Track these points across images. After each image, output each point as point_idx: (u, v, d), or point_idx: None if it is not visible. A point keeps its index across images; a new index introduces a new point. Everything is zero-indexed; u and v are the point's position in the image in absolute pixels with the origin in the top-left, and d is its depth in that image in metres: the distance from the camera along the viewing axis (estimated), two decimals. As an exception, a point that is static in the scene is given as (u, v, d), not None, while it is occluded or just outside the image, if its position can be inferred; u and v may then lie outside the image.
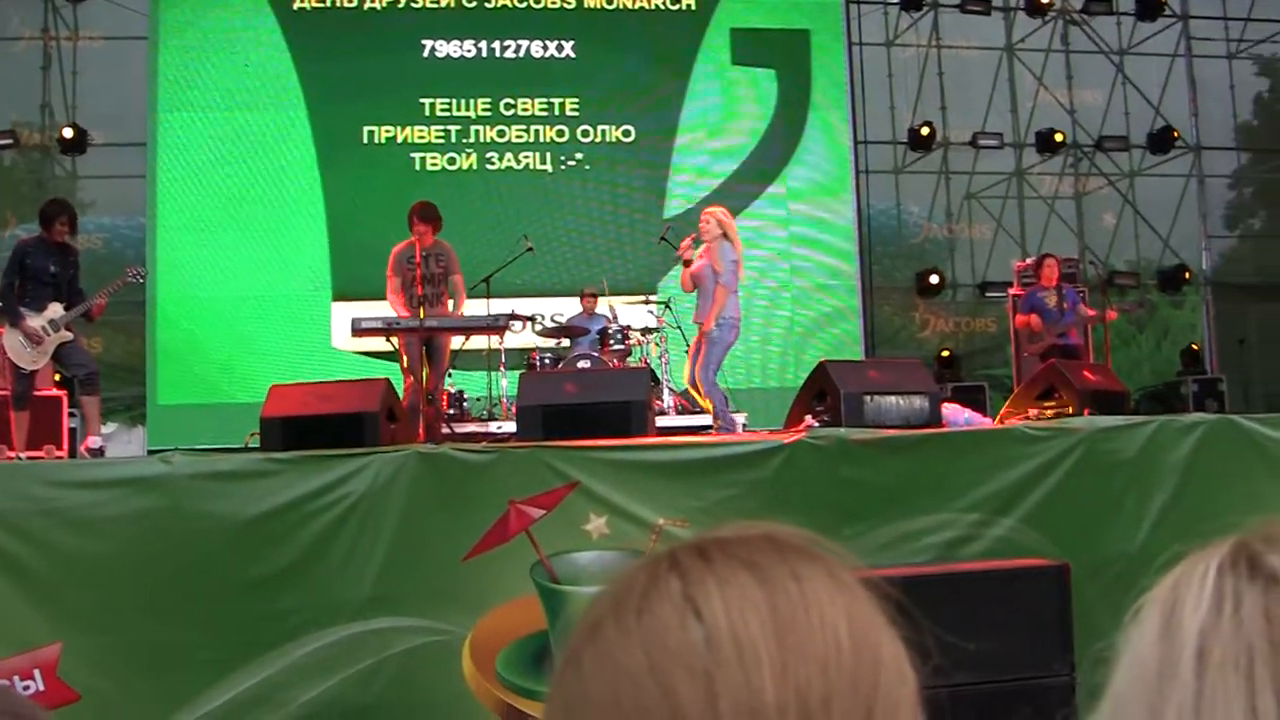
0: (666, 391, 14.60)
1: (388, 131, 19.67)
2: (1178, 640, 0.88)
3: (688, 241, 13.08)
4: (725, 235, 12.74)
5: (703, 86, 20.74)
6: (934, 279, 22.26)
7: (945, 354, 21.47)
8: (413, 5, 20.01)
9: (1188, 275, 23.82)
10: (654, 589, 1.16)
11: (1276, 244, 25.92)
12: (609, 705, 1.11)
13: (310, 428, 8.56)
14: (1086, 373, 10.99)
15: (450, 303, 13.24)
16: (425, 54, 20.01)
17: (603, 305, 16.16)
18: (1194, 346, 22.84)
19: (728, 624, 1.11)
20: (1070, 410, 10.10)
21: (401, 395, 11.67)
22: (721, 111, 20.77)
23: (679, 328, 15.40)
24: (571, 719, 1.14)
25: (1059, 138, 23.12)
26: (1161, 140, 24.13)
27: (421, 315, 12.32)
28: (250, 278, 18.74)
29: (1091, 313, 16.50)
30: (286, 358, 17.99)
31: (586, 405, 9.15)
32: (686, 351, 13.17)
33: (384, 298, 13.14)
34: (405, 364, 12.73)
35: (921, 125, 22.50)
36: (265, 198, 19.07)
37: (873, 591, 1.21)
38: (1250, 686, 0.84)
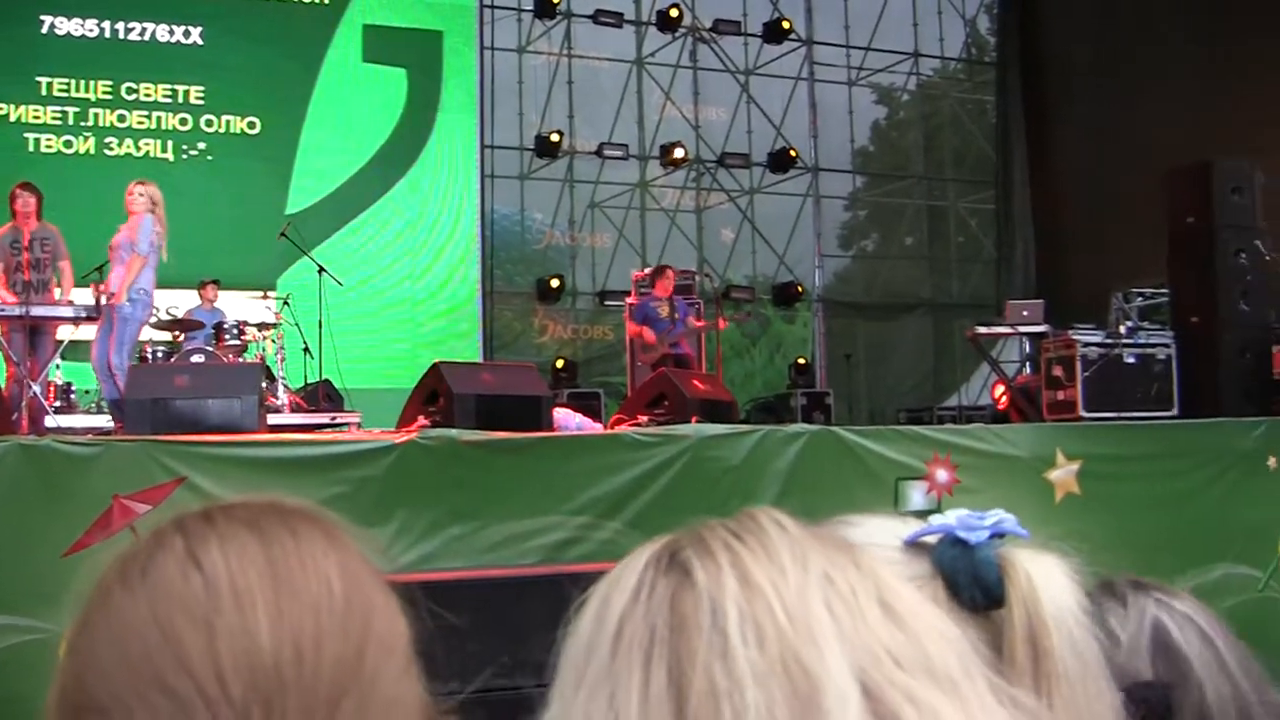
0: (281, 388, 14.46)
1: (0, 109, 18.98)
2: (605, 621, 0.98)
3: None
4: (153, 210, 12.67)
5: (332, 82, 20.56)
6: (555, 284, 22.45)
7: (560, 363, 21.62)
8: (31, -22, 19.28)
9: (800, 291, 24.60)
10: (159, 549, 1.22)
11: (886, 264, 26.93)
12: (117, 661, 1.16)
13: (-96, 415, 8.28)
14: (696, 382, 11.30)
15: (58, 290, 12.88)
16: (44, 30, 19.31)
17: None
18: (801, 361, 23.53)
19: (226, 574, 1.18)
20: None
21: (4, 385, 11.33)
22: (350, 108, 20.62)
23: (297, 325, 15.26)
24: (83, 683, 1.17)
25: (681, 152, 23.52)
26: (781, 160, 24.85)
27: (27, 301, 11.98)
28: None
29: (699, 324, 16.86)
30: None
31: (197, 400, 9.05)
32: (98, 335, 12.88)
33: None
34: (8, 352, 12.32)
35: (551, 133, 22.65)
36: None
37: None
38: (647, 662, 0.94)
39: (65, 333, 12.73)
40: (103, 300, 12.35)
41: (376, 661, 1.21)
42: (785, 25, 24.80)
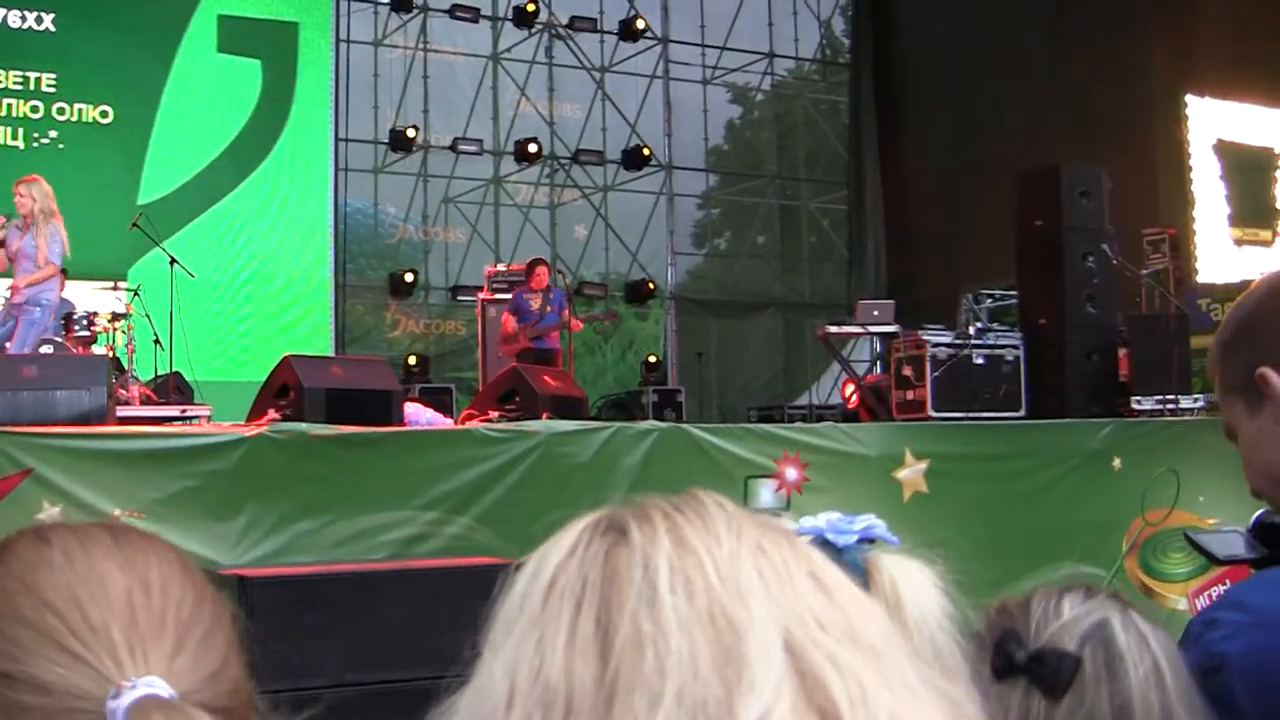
0: (131, 380, 14.29)
1: None
2: (539, 575, 1.04)
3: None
4: (51, 211, 12.53)
5: (186, 72, 20.28)
6: (408, 279, 22.35)
7: (413, 359, 21.48)
8: (-127, -41, 18.84)
9: (653, 288, 24.69)
10: (13, 539, 1.40)
11: (738, 263, 27.06)
12: None
13: None
14: (547, 378, 11.36)
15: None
16: (-113, 14, 18.92)
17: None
18: (653, 358, 23.61)
19: (76, 541, 1.39)
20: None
21: None
22: (204, 99, 20.36)
23: (148, 316, 15.08)
24: None
25: (535, 148, 23.51)
26: (635, 157, 24.91)
27: None
28: None
29: (576, 323, 16.87)
30: None
31: (45, 391, 8.94)
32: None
33: None
34: None
35: (406, 128, 22.53)
36: None
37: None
38: (577, 608, 0.99)
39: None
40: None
41: (215, 615, 1.40)
42: (641, 24, 24.87)
